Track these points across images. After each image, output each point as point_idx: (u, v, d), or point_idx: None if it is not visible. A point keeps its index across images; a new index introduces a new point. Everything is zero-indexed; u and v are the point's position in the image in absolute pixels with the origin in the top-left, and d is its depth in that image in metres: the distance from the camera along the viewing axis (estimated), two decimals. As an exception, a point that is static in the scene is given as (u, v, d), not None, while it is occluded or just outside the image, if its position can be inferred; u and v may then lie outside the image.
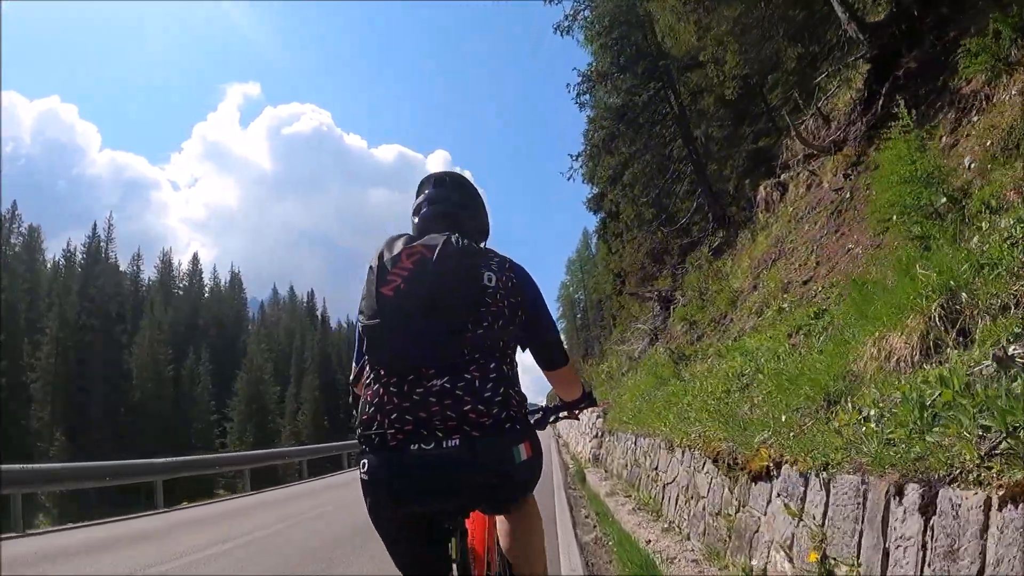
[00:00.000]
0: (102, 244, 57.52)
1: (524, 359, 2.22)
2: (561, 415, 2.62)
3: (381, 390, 1.82)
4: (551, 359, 2.25)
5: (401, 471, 1.76)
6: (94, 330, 50.20)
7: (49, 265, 58.83)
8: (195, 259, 78.13)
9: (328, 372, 70.90)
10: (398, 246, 1.94)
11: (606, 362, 18.50)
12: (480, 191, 2.39)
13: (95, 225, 58.99)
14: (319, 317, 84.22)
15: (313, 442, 49.59)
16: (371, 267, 1.91)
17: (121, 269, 68.83)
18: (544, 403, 2.94)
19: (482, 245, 2.23)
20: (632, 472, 8.66)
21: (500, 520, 2.19)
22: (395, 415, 1.77)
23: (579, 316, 70.93)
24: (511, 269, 2.06)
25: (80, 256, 56.53)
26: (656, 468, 7.26)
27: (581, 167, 31.39)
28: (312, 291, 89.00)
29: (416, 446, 1.74)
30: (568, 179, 33.66)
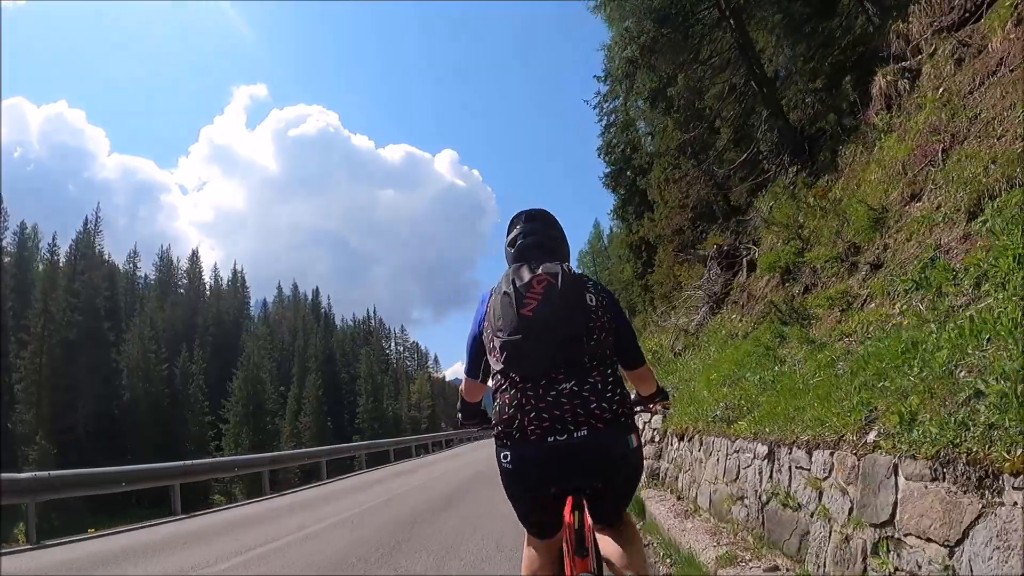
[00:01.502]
0: (93, 237, 53.06)
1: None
2: (638, 408, 2.75)
3: (519, 394, 2.16)
4: (633, 360, 2.54)
5: (541, 459, 2.14)
6: (79, 327, 46.03)
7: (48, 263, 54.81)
8: (195, 256, 74.05)
9: (332, 371, 66.77)
10: (525, 274, 2.27)
11: (649, 340, 14.18)
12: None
13: (86, 220, 54.83)
14: (323, 315, 79.94)
15: (316, 445, 45.61)
16: (505, 292, 2.23)
17: (122, 269, 65.67)
18: None
19: None
20: (770, 516, 4.23)
21: (602, 538, 2.40)
22: (533, 414, 2.12)
23: (592, 310, 65.95)
24: (603, 291, 2.42)
25: (68, 250, 52.01)
26: (893, 521, 2.87)
27: (608, 92, 26.63)
28: (317, 288, 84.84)
29: (552, 438, 2.10)
30: (593, 107, 29.14)
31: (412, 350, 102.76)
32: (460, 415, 3.01)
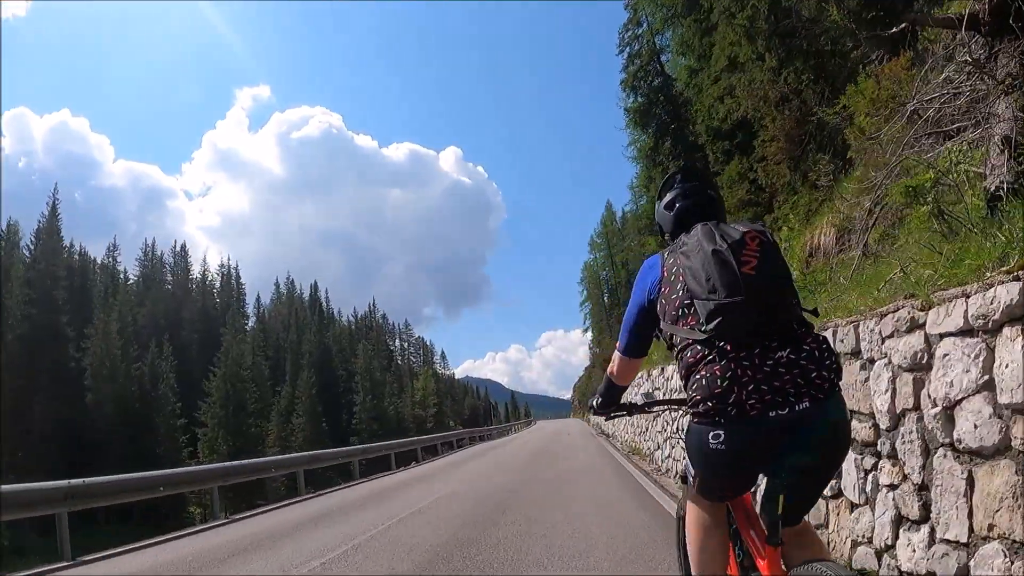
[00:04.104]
0: (55, 224, 46.43)
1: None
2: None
3: (732, 364, 1.84)
4: None
5: (764, 435, 1.84)
6: (33, 321, 39.59)
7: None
8: (183, 250, 67.68)
9: (329, 369, 60.09)
10: (731, 231, 1.98)
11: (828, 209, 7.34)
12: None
13: (54, 205, 47.90)
14: (320, 309, 73.03)
15: (309, 448, 39.19)
16: (715, 249, 1.92)
17: (101, 262, 59.56)
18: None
19: None
20: None
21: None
22: (751, 386, 1.80)
23: (606, 295, 59.60)
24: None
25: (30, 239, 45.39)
26: None
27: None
28: (315, 282, 78.18)
29: (774, 412, 1.80)
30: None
31: (417, 346, 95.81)
32: (600, 399, 2.64)
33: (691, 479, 2.10)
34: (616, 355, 2.42)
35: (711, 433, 1.86)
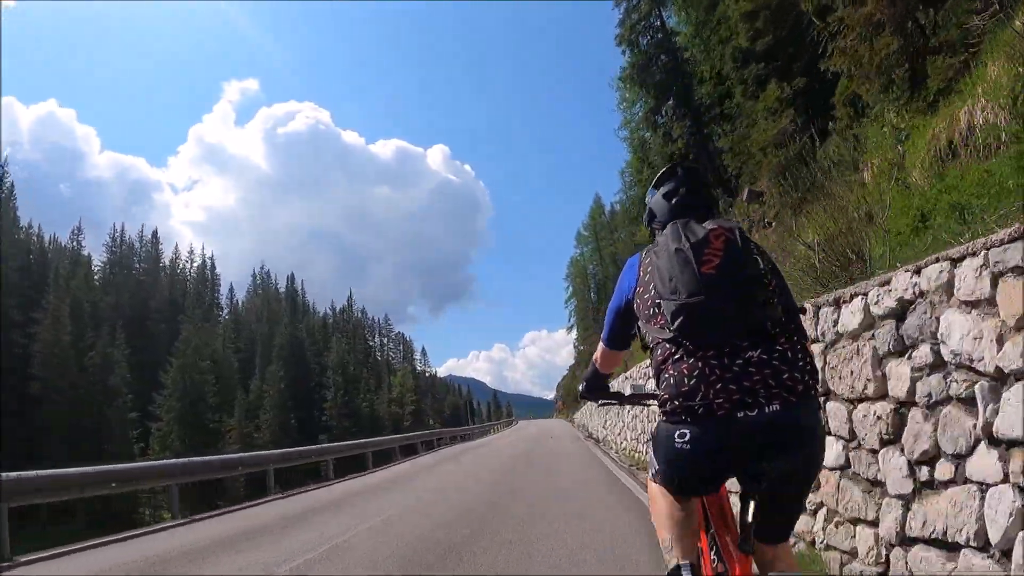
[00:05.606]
0: (8, 203, 42.64)
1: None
2: None
3: (699, 363, 1.77)
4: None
5: (731, 437, 1.75)
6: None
7: None
8: (154, 237, 63.85)
9: (301, 363, 56.38)
10: (698, 230, 1.89)
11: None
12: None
13: (4, 179, 44.07)
14: (293, 300, 69.20)
15: (276, 446, 35.82)
16: (678, 249, 1.85)
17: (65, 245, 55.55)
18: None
19: None
20: None
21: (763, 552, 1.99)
22: (720, 385, 1.73)
23: (593, 291, 56.64)
24: (766, 254, 2.01)
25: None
26: None
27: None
28: (292, 274, 74.43)
29: (742, 413, 1.72)
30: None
31: (397, 342, 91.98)
32: (584, 385, 2.60)
33: (653, 471, 1.98)
34: (600, 344, 2.38)
35: (677, 432, 1.79)
